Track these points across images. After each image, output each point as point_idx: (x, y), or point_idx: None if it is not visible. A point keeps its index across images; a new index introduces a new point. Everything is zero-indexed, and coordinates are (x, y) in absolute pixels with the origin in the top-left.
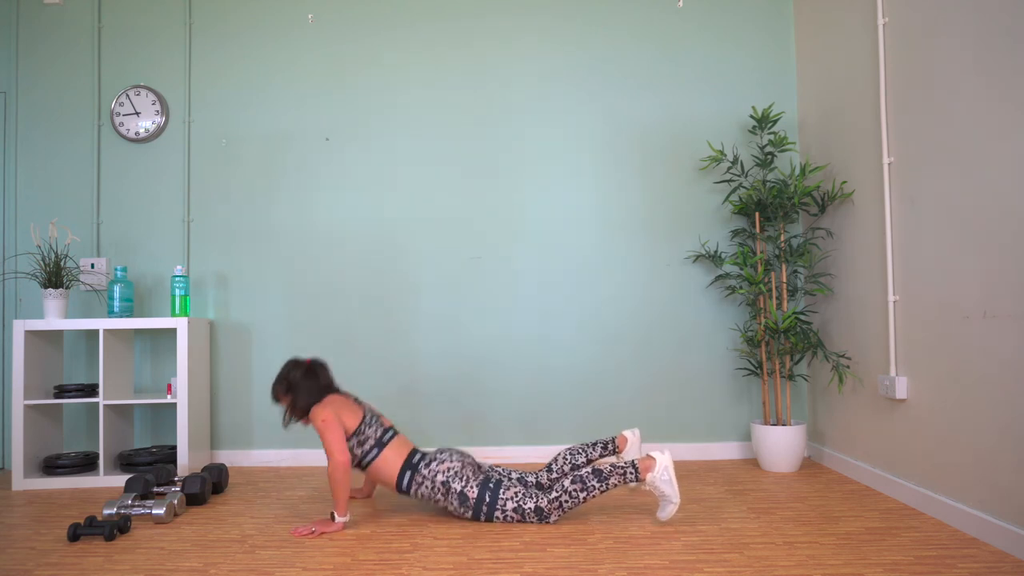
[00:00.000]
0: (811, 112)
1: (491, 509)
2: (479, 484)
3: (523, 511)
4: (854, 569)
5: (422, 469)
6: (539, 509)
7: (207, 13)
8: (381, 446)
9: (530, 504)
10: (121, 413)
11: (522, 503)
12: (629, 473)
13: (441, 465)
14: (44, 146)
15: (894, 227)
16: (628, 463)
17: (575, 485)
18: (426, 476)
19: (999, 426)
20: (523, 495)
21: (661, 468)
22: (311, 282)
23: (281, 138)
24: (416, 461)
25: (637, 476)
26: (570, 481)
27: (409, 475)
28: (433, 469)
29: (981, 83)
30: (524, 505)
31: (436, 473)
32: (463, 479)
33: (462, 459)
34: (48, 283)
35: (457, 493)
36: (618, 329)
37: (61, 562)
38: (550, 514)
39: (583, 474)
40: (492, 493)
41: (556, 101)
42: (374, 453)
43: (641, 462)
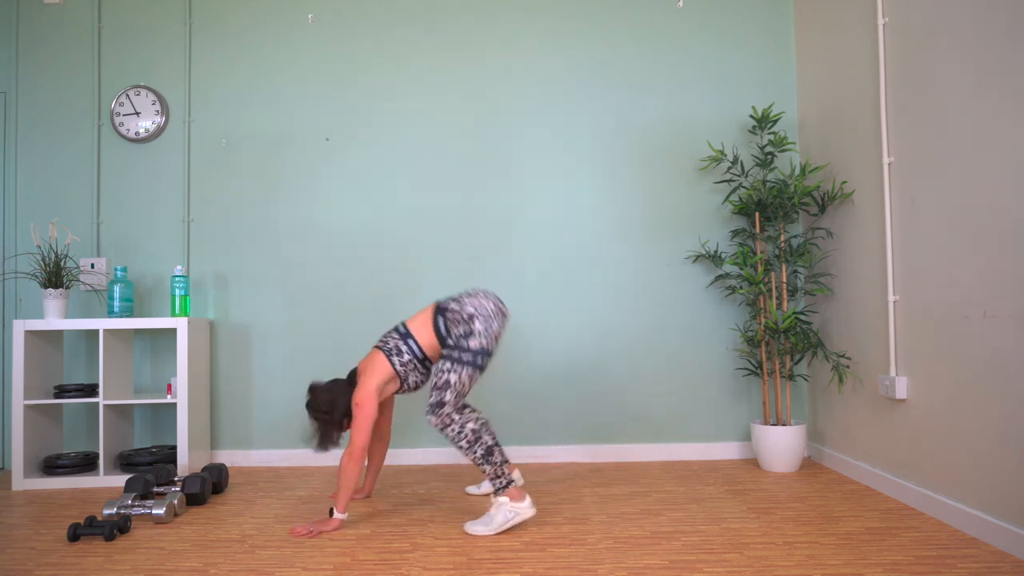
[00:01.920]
0: (811, 112)
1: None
2: (484, 344)
3: (447, 386)
4: (854, 569)
5: (452, 305)
6: (443, 402)
7: (207, 13)
8: (406, 336)
9: (450, 395)
10: (121, 413)
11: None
12: (502, 480)
13: (474, 299)
14: (44, 146)
15: (894, 227)
16: (512, 476)
17: (472, 435)
18: (456, 310)
19: (999, 426)
20: (463, 389)
21: (519, 508)
22: (311, 282)
23: (281, 138)
24: (444, 305)
25: (501, 490)
26: (472, 429)
27: (443, 320)
28: (463, 302)
29: (981, 83)
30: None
31: (466, 304)
32: (487, 326)
33: (496, 304)
34: (48, 283)
35: (469, 329)
36: (618, 329)
37: (61, 562)
38: (438, 415)
39: (483, 438)
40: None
41: (556, 101)
42: (412, 343)
43: (516, 490)
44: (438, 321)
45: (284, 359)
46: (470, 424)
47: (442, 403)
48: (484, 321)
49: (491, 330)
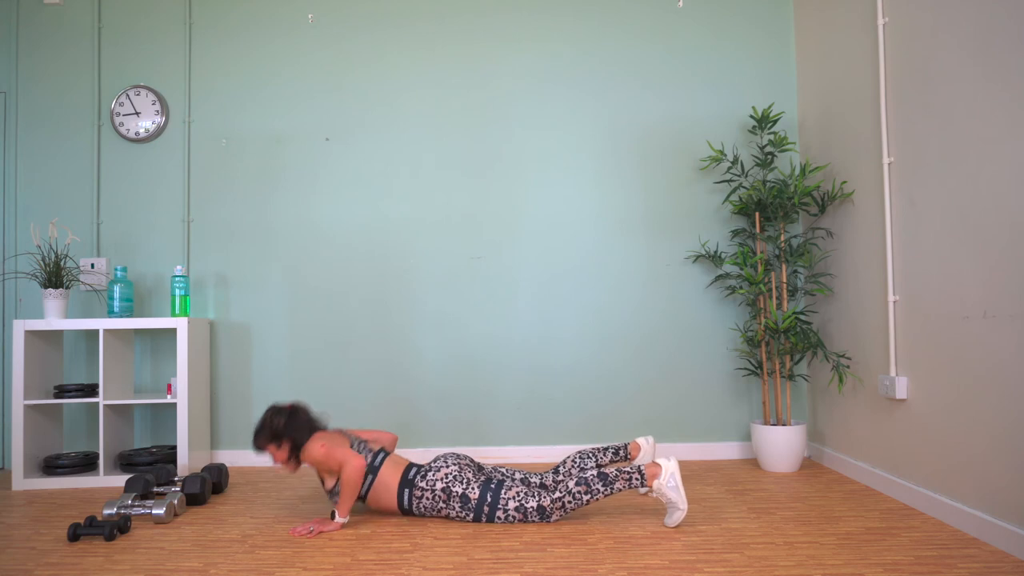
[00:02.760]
0: (811, 112)
1: (492, 509)
2: (480, 485)
3: (525, 510)
4: (854, 569)
5: (419, 482)
6: (541, 508)
7: (207, 13)
8: (375, 472)
9: (532, 503)
10: (121, 413)
11: (524, 502)
12: (635, 478)
13: (438, 473)
14: (44, 146)
15: (894, 227)
16: (635, 468)
17: (579, 487)
18: (425, 488)
19: (999, 426)
20: (525, 494)
21: (667, 475)
22: (311, 282)
23: (281, 138)
24: (412, 476)
25: (643, 482)
26: (575, 483)
27: (408, 492)
28: (431, 479)
29: (981, 83)
30: (526, 504)
31: (435, 482)
32: (463, 481)
33: (459, 462)
34: (48, 283)
35: (459, 496)
36: (618, 329)
37: (61, 562)
38: (552, 513)
39: (588, 476)
40: (494, 493)
41: (556, 101)
42: (368, 480)
43: (648, 468)
44: (403, 491)
45: (284, 359)
46: (571, 484)
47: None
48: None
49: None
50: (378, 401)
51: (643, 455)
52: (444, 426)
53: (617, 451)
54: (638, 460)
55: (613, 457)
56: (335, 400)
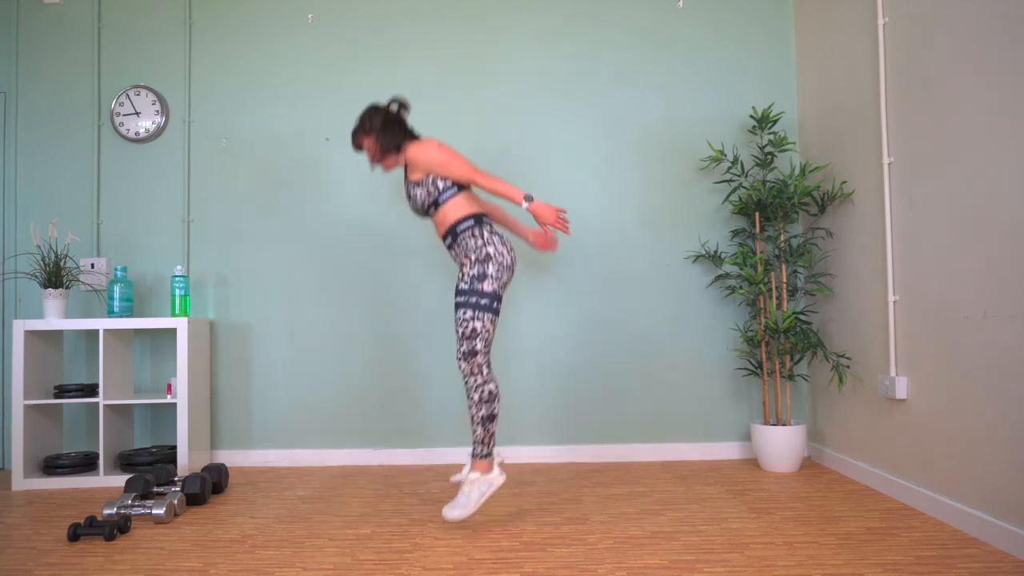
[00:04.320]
0: (811, 112)
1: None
2: (497, 289)
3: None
4: (854, 569)
5: (485, 231)
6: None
7: (207, 13)
8: (459, 188)
9: (481, 344)
10: (121, 413)
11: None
12: (485, 447)
13: (502, 245)
14: (44, 146)
15: (894, 227)
16: (491, 449)
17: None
18: (483, 237)
19: (999, 426)
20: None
21: (488, 478)
22: (311, 282)
23: (281, 138)
24: (486, 220)
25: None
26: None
27: (472, 223)
28: (491, 239)
29: (981, 83)
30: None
31: (491, 243)
32: (499, 273)
33: (512, 257)
34: (48, 283)
35: (482, 272)
36: (618, 329)
37: (61, 562)
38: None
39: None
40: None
41: (556, 101)
42: (452, 191)
43: (489, 461)
44: (467, 219)
45: (284, 359)
46: (491, 385)
47: (475, 351)
48: (497, 268)
49: (503, 279)
50: (378, 401)
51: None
52: (444, 426)
53: None
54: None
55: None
56: (335, 400)
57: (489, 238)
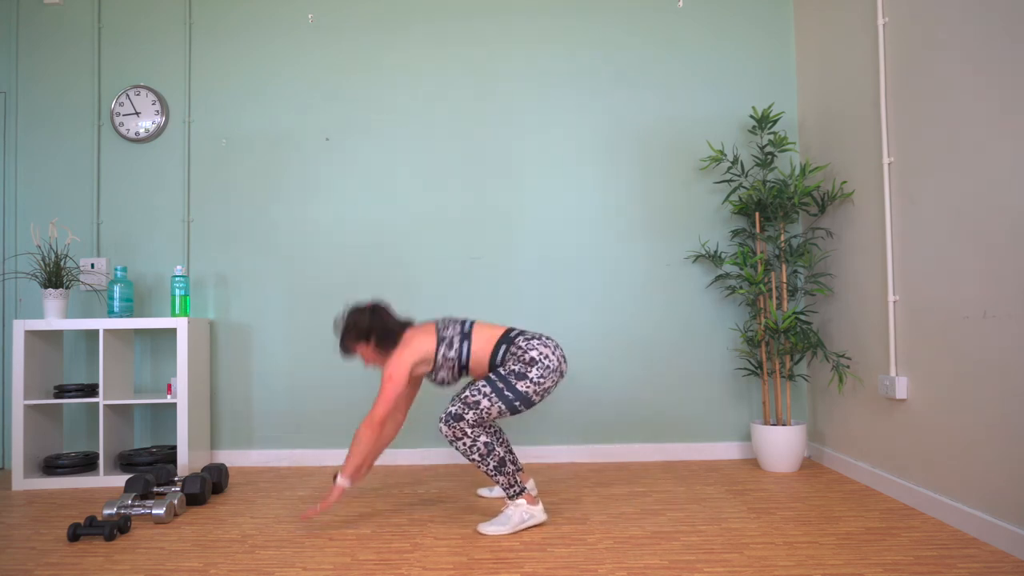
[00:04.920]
0: (811, 112)
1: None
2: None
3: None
4: (854, 569)
5: (520, 341)
6: (462, 418)
7: (207, 13)
8: (466, 337)
9: (472, 415)
10: (121, 413)
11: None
12: (514, 488)
13: (544, 349)
14: (44, 146)
15: (894, 227)
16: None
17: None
18: (521, 347)
19: (999, 426)
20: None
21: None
22: (311, 282)
23: (281, 138)
24: (514, 336)
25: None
26: (483, 443)
27: (504, 348)
28: (532, 344)
29: (981, 83)
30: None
31: (530, 349)
32: (542, 379)
33: (560, 362)
34: (48, 283)
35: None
36: (618, 329)
37: (61, 562)
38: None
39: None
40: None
41: (556, 101)
42: (465, 346)
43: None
44: (499, 348)
45: (284, 359)
46: (483, 438)
47: (460, 417)
48: (541, 372)
49: (543, 384)
50: None
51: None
52: None
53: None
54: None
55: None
56: (335, 400)
57: (527, 344)
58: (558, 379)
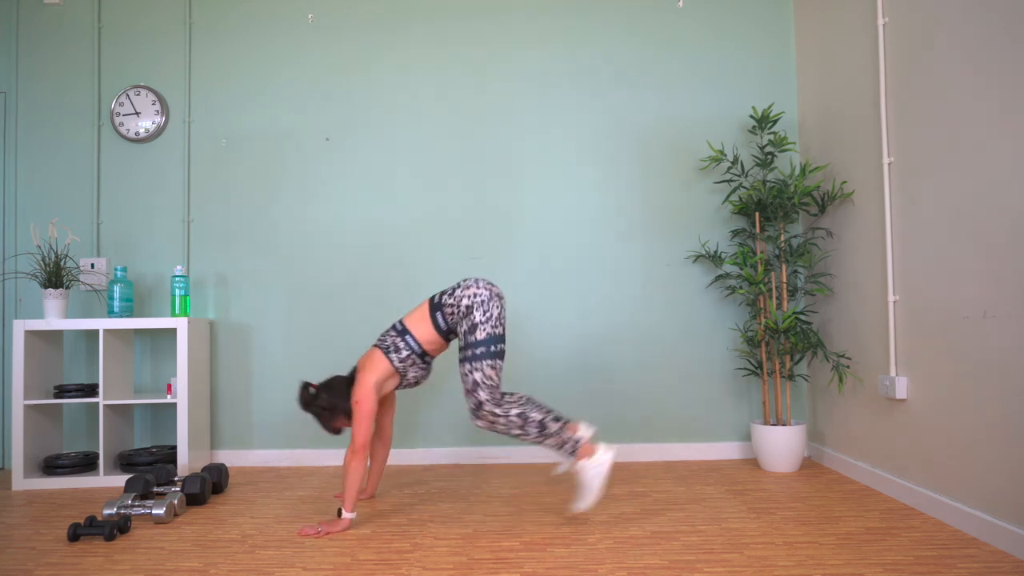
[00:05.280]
0: (811, 112)
1: (472, 360)
2: (491, 331)
3: (476, 387)
4: (854, 569)
5: (447, 300)
6: (481, 402)
7: (207, 13)
8: (404, 332)
9: (484, 393)
10: (121, 413)
11: (483, 383)
12: (568, 447)
13: (467, 290)
14: (44, 146)
15: (894, 227)
16: (573, 438)
17: (519, 419)
18: (453, 303)
19: (999, 426)
20: (490, 384)
21: (598, 461)
22: (311, 282)
23: (281, 138)
24: (438, 300)
25: (574, 453)
26: (517, 412)
27: (440, 315)
28: (458, 295)
29: (981, 83)
30: (482, 386)
31: (461, 298)
32: (486, 313)
33: (490, 289)
34: (48, 283)
35: (472, 323)
36: (618, 329)
37: (61, 562)
38: (481, 416)
39: (531, 416)
40: (488, 351)
41: (556, 101)
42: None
43: (584, 446)
44: (436, 317)
45: (284, 359)
46: (513, 410)
47: (480, 404)
48: (482, 309)
49: (492, 315)
50: None
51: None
52: (444, 426)
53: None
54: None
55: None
56: None
57: (454, 299)
58: (500, 302)
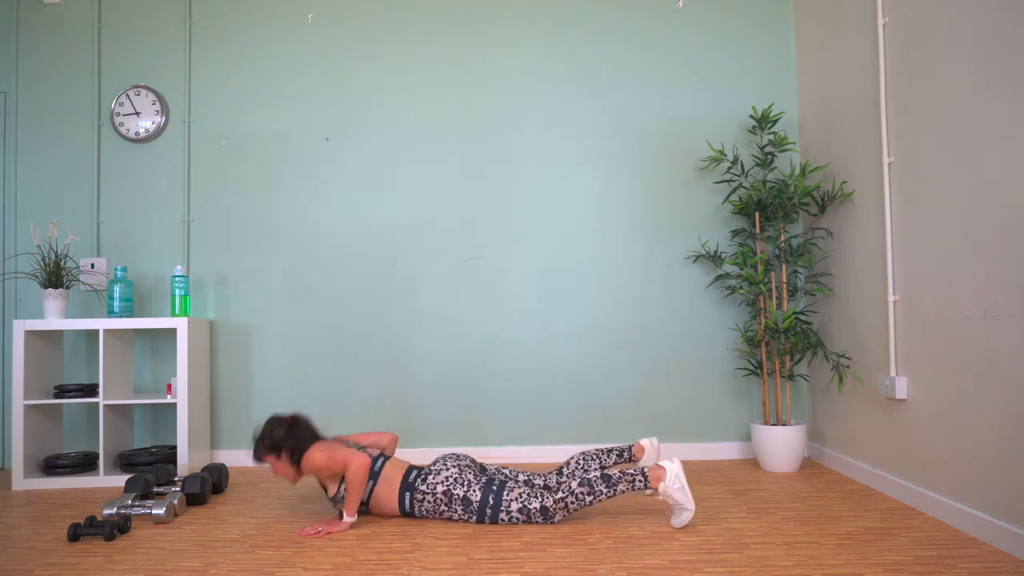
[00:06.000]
0: (811, 112)
1: (495, 511)
2: (482, 487)
3: (528, 511)
4: (854, 569)
5: (420, 486)
6: (544, 509)
7: (207, 13)
8: (375, 477)
9: (535, 504)
10: (121, 413)
11: (527, 503)
12: (639, 481)
13: (439, 476)
14: (44, 146)
15: (894, 227)
16: (639, 471)
17: (582, 488)
18: (426, 492)
19: (999, 426)
20: (528, 495)
21: (672, 477)
22: (311, 282)
23: (281, 138)
24: (412, 479)
25: (647, 484)
26: (578, 483)
27: (409, 496)
28: (431, 483)
29: (981, 83)
30: (529, 505)
31: (435, 485)
32: (464, 484)
33: (458, 463)
34: (48, 283)
35: (460, 499)
36: (618, 329)
37: (61, 562)
38: (555, 514)
39: (591, 477)
40: (496, 495)
41: (556, 101)
42: (370, 486)
43: (652, 471)
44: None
45: (284, 359)
46: (575, 489)
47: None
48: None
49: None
50: (378, 401)
51: (647, 457)
52: (444, 426)
53: (621, 452)
54: (642, 462)
55: (617, 459)
56: (335, 401)
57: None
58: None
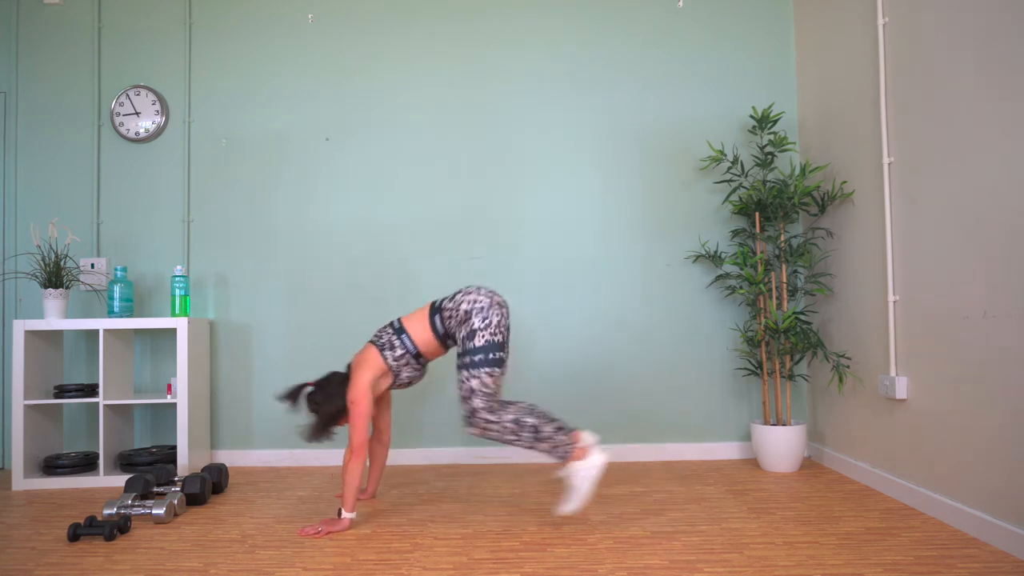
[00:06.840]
0: (811, 112)
1: (470, 367)
2: (489, 338)
3: (471, 394)
4: (854, 569)
5: (447, 304)
6: (475, 410)
7: (207, 13)
8: (401, 331)
9: (479, 401)
10: (121, 413)
11: (479, 390)
12: (561, 449)
13: (467, 296)
14: (44, 146)
15: (894, 227)
16: (567, 441)
17: (512, 424)
18: (451, 308)
19: (999, 426)
20: (486, 392)
21: (588, 464)
22: (311, 282)
23: (281, 138)
24: (439, 304)
25: (566, 456)
26: (511, 419)
27: (439, 318)
28: (458, 300)
29: (981, 83)
30: (477, 393)
31: (461, 303)
32: (485, 320)
33: (491, 296)
34: (48, 283)
35: (470, 329)
36: (618, 329)
37: (61, 562)
38: (474, 424)
39: (526, 421)
40: (485, 358)
41: (556, 101)
42: (406, 339)
43: (578, 449)
44: (435, 319)
45: (284, 359)
46: (507, 416)
47: (474, 411)
48: (481, 316)
49: (491, 322)
50: None
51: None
52: (444, 426)
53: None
54: None
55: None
56: None
57: (454, 303)
58: (500, 310)
